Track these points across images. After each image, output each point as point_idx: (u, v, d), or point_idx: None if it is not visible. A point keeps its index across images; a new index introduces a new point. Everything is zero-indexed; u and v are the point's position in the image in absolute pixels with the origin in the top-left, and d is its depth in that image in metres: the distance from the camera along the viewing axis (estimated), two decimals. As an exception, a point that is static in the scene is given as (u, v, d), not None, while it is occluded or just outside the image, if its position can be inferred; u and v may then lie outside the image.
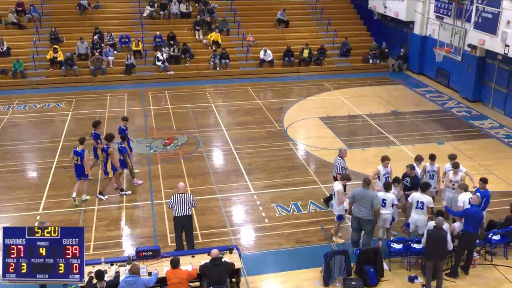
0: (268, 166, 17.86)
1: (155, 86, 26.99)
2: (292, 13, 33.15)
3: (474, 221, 11.78)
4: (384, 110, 23.68)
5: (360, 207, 12.43)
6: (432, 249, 11.36)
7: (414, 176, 13.55)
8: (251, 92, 26.07)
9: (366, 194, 12.33)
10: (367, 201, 12.28)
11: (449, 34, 23.81)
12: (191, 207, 12.43)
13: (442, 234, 11.26)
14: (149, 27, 30.80)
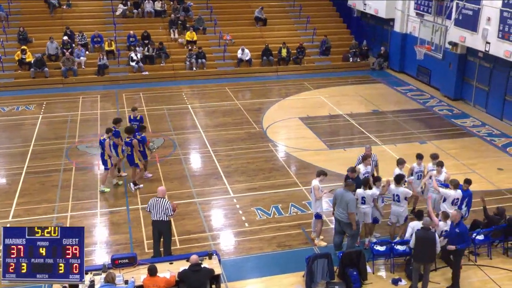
0: (248, 168, 17.85)
1: (129, 87, 26.80)
2: (270, 11, 33.24)
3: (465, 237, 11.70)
4: (365, 109, 23.86)
5: (339, 209, 12.54)
6: (421, 251, 11.42)
7: (356, 178, 13.55)
8: (229, 93, 26.05)
9: (344, 196, 12.42)
10: (344, 204, 12.37)
11: (429, 31, 24.06)
12: (165, 215, 12.22)
13: (430, 235, 11.34)
14: (122, 26, 30.59)
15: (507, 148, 19.71)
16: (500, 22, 20.18)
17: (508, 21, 19.79)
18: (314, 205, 13.29)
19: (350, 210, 12.36)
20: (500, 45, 20.42)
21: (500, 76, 22.60)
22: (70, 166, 17.92)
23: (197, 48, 29.02)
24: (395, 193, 13.04)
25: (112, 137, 16.23)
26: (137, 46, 28.63)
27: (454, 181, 13.12)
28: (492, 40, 20.78)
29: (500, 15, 20.15)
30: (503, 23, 20.07)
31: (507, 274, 12.44)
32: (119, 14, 31.03)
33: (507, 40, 19.88)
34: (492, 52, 21.05)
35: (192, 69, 28.62)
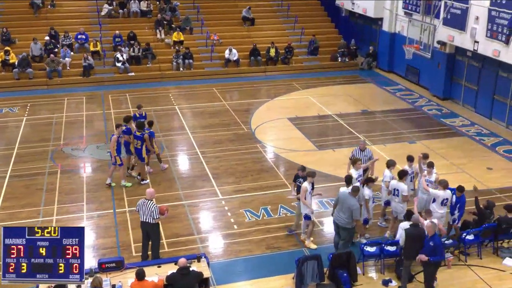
0: (236, 170, 17.85)
1: (115, 88, 26.69)
2: (258, 10, 33.27)
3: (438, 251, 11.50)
4: (354, 109, 23.96)
5: (339, 212, 12.52)
6: (411, 247, 11.49)
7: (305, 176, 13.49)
8: (216, 93, 26.03)
9: (347, 201, 12.35)
10: (346, 209, 12.34)
11: (418, 30, 24.24)
12: (151, 217, 12.16)
13: (419, 232, 11.44)
14: (108, 26, 30.45)
15: (496, 148, 19.88)
16: (489, 21, 20.36)
17: (496, 20, 19.97)
18: (302, 206, 13.33)
19: (355, 217, 12.36)
20: (488, 44, 20.60)
21: (489, 75, 22.79)
22: (55, 169, 17.81)
23: (184, 49, 28.97)
24: (395, 187, 13.26)
25: (124, 135, 16.53)
26: (123, 46, 28.51)
27: (443, 181, 13.20)
28: (481, 39, 20.95)
29: (489, 14, 20.33)
30: (491, 22, 20.25)
31: (497, 273, 12.55)
32: (104, 14, 30.89)
33: (496, 39, 20.06)
34: (480, 51, 21.22)
35: (179, 69, 28.56)
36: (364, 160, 14.96)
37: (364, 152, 15.14)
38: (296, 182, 13.77)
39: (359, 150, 15.24)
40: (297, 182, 13.69)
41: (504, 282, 12.25)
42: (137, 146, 16.55)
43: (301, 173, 13.68)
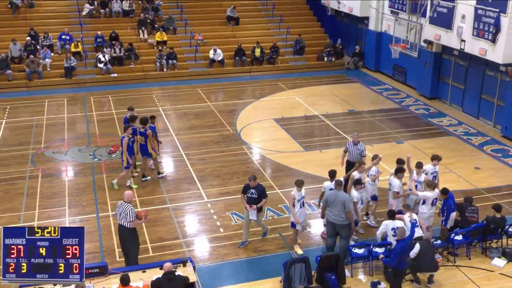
0: (222, 172, 17.83)
1: (97, 90, 26.55)
2: (242, 10, 33.28)
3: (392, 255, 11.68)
4: (341, 109, 24.05)
5: (334, 211, 12.52)
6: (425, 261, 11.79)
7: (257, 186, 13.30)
8: (201, 94, 25.99)
9: (338, 197, 12.46)
10: (340, 204, 12.40)
11: (404, 29, 24.43)
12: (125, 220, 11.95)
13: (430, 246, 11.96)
14: (89, 26, 30.28)
15: (483, 147, 20.07)
16: (475, 20, 20.56)
17: (482, 18, 20.17)
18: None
19: (347, 209, 12.46)
20: (475, 43, 20.79)
21: (476, 74, 23.00)
22: (36, 173, 17.67)
23: (167, 49, 28.90)
24: (390, 182, 13.65)
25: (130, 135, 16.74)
26: (105, 47, 28.37)
27: (431, 182, 13.30)
28: (467, 38, 21.14)
29: (475, 12, 20.52)
30: (477, 21, 20.44)
31: (486, 273, 12.66)
32: (85, 14, 30.71)
33: (482, 37, 20.26)
34: (467, 50, 21.41)
35: (163, 70, 28.47)
36: (356, 153, 15.44)
37: (357, 145, 15.55)
38: (247, 194, 13.21)
39: (352, 143, 15.64)
40: (248, 194, 13.16)
41: (492, 283, 12.36)
42: (141, 143, 16.64)
43: (252, 183, 13.10)
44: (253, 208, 13.08)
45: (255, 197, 13.11)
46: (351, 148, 15.63)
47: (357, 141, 15.61)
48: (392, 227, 12.40)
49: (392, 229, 12.38)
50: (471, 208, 13.50)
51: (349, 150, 15.68)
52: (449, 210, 13.27)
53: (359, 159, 15.27)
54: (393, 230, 12.32)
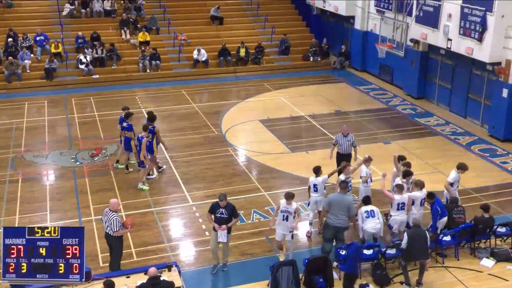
0: (207, 174, 17.80)
1: (79, 91, 26.37)
2: (227, 9, 33.28)
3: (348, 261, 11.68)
4: (327, 110, 24.13)
5: (337, 215, 12.57)
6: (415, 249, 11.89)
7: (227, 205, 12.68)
8: (185, 95, 25.93)
9: (343, 201, 12.57)
10: (344, 208, 12.52)
11: (390, 29, 24.56)
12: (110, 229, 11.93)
13: (422, 233, 11.99)
14: (70, 27, 30.09)
15: (471, 147, 20.25)
16: (461, 19, 20.74)
17: (469, 17, 20.35)
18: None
19: (352, 212, 12.69)
20: (461, 42, 20.97)
21: (463, 73, 23.21)
22: (16, 177, 17.52)
23: (150, 49, 28.81)
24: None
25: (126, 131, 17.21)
26: (86, 48, 28.20)
27: (419, 182, 13.40)
28: (454, 37, 21.32)
29: (461, 11, 20.70)
30: (464, 20, 20.62)
31: (474, 274, 12.77)
32: (66, 14, 30.50)
33: (469, 36, 20.44)
34: (453, 49, 21.59)
35: (146, 71, 28.37)
36: (346, 145, 16.04)
37: (347, 137, 16.11)
38: (215, 214, 12.41)
39: (341, 135, 16.08)
40: (217, 214, 12.37)
41: (481, 283, 12.47)
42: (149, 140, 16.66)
43: (223, 203, 12.27)
44: (223, 229, 12.25)
45: (226, 217, 12.30)
46: (341, 140, 16.16)
47: (346, 133, 16.15)
48: (365, 210, 13.03)
49: (365, 212, 13.00)
50: (457, 209, 13.60)
51: (339, 143, 16.18)
52: (435, 215, 13.18)
53: (350, 150, 15.93)
54: (366, 212, 12.98)
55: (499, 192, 16.63)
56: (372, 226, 12.98)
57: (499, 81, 20.60)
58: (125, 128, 17.34)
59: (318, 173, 13.87)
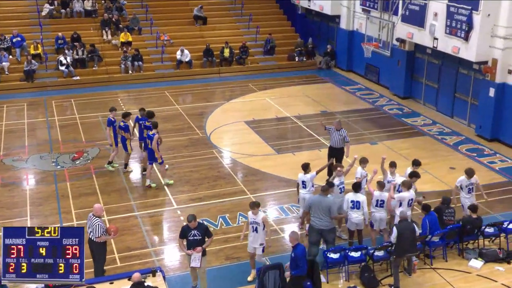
0: (191, 177, 17.76)
1: (59, 93, 26.19)
2: (210, 9, 33.25)
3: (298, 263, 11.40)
4: (313, 110, 24.18)
5: (320, 217, 12.57)
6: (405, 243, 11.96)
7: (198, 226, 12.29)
8: (168, 97, 25.85)
9: (322, 202, 12.56)
10: (326, 210, 12.52)
11: (376, 28, 24.69)
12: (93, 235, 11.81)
13: (410, 226, 12.14)
14: (49, 27, 29.88)
15: (458, 147, 20.40)
16: (447, 17, 20.89)
17: (455, 16, 20.51)
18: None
19: (333, 213, 12.66)
20: (447, 41, 21.13)
21: (449, 72, 23.39)
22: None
23: (132, 50, 28.69)
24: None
25: (121, 130, 17.48)
26: (67, 49, 28.01)
27: (406, 182, 13.47)
28: (440, 36, 21.47)
29: (447, 10, 20.85)
30: (450, 18, 20.78)
31: (463, 275, 12.86)
32: (45, 14, 30.28)
33: (455, 35, 20.59)
34: (440, 48, 21.75)
35: (128, 72, 28.25)
36: (338, 139, 16.30)
37: (340, 131, 16.33)
38: (188, 237, 11.68)
39: (334, 129, 16.40)
40: (190, 237, 11.64)
41: (470, 284, 12.55)
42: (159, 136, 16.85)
43: (193, 223, 11.57)
44: (199, 251, 11.55)
45: (199, 238, 11.61)
46: (333, 134, 16.41)
47: (339, 127, 16.33)
48: (351, 199, 13.16)
49: (351, 201, 13.13)
50: (449, 211, 13.65)
51: (331, 136, 16.42)
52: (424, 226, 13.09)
53: (342, 145, 16.22)
54: (352, 202, 13.09)
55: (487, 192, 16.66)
56: (355, 217, 13.21)
57: (486, 80, 20.79)
58: (121, 128, 17.52)
59: (306, 169, 13.99)
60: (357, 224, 13.38)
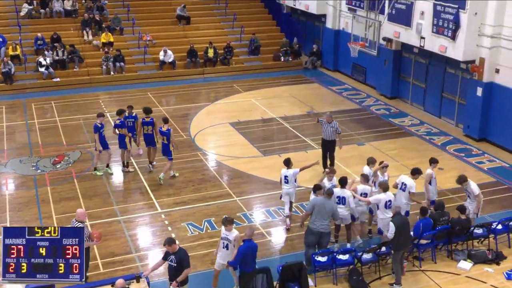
0: (176, 180, 17.72)
1: (39, 95, 26.02)
2: (194, 8, 33.23)
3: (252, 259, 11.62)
4: (300, 111, 24.24)
5: (321, 220, 12.63)
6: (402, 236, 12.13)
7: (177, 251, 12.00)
8: (151, 98, 25.77)
9: (326, 205, 12.67)
10: (328, 213, 12.66)
11: (363, 27, 24.79)
12: None
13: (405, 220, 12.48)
14: (28, 28, 29.68)
15: (446, 147, 20.55)
16: (434, 16, 21.05)
17: (442, 15, 20.67)
18: None
19: (336, 218, 13.04)
20: (434, 40, 21.29)
21: (436, 72, 23.56)
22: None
23: (114, 51, 28.57)
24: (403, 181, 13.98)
25: (118, 128, 17.82)
26: (46, 49, 27.84)
27: (382, 183, 13.53)
28: (427, 35, 21.63)
29: (434, 8, 21.02)
30: (437, 17, 20.94)
31: (452, 277, 12.95)
32: (24, 14, 30.08)
33: (442, 34, 20.76)
34: (427, 47, 21.91)
35: (110, 73, 28.13)
36: (330, 131, 17.34)
37: (331, 124, 17.32)
38: (168, 260, 11.10)
39: (325, 122, 17.41)
40: (169, 261, 11.07)
41: (459, 286, 12.66)
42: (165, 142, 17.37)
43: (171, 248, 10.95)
44: (173, 285, 10.89)
45: (174, 266, 10.97)
46: (325, 126, 17.42)
47: (330, 120, 17.31)
48: (337, 195, 13.37)
49: (337, 197, 13.35)
50: (443, 218, 13.63)
51: (323, 129, 17.58)
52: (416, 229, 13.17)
53: (334, 137, 17.40)
54: (338, 198, 13.34)
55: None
56: (340, 212, 13.37)
57: (473, 80, 20.97)
58: (118, 126, 17.86)
59: (288, 165, 14.59)
60: (343, 219, 13.56)
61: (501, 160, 19.43)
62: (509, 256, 13.74)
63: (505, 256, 13.69)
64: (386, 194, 13.32)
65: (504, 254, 13.75)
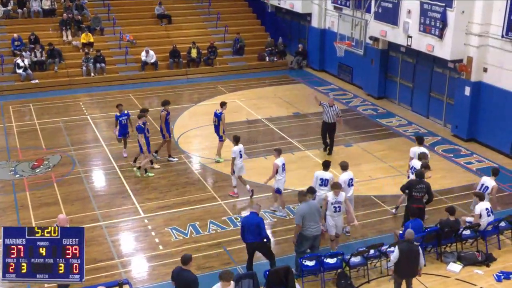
0: (159, 184, 17.68)
1: (17, 98, 25.82)
2: (176, 7, 33.19)
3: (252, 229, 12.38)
4: (285, 112, 24.29)
5: (314, 223, 12.60)
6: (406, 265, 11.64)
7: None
8: (133, 100, 25.69)
9: (312, 207, 12.68)
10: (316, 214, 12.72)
11: (349, 26, 24.91)
12: None
13: (414, 248, 11.63)
14: (5, 28, 29.46)
15: (434, 147, 20.69)
16: (421, 15, 21.21)
17: (429, 13, 20.83)
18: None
19: (321, 214, 13.07)
20: (421, 39, 21.45)
21: (424, 71, 23.74)
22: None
23: (94, 51, 28.44)
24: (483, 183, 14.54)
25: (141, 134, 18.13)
26: (24, 51, 27.64)
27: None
28: (414, 34, 21.78)
29: (421, 7, 21.18)
30: (424, 16, 21.10)
31: (442, 280, 13.05)
32: (1, 15, 29.84)
33: (429, 33, 20.92)
34: (414, 46, 22.06)
35: (90, 75, 28.00)
36: (332, 114, 19.03)
37: (333, 107, 19.05)
38: None
39: (328, 105, 19.07)
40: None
41: (449, 289, 12.77)
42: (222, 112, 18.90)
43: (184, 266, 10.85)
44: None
45: None
46: (327, 109, 19.10)
47: (332, 103, 19.10)
48: (320, 177, 14.17)
49: (320, 179, 14.12)
50: (419, 187, 13.89)
51: (325, 111, 19.20)
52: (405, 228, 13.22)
53: (334, 120, 19.09)
54: (321, 180, 14.12)
55: (465, 194, 17.03)
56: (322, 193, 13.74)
57: (461, 79, 21.13)
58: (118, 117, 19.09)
59: (238, 141, 16.45)
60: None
61: (490, 160, 19.60)
62: (499, 258, 13.87)
63: (495, 258, 13.82)
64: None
65: (494, 256, 13.87)
